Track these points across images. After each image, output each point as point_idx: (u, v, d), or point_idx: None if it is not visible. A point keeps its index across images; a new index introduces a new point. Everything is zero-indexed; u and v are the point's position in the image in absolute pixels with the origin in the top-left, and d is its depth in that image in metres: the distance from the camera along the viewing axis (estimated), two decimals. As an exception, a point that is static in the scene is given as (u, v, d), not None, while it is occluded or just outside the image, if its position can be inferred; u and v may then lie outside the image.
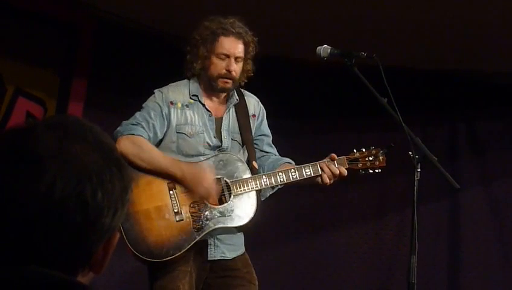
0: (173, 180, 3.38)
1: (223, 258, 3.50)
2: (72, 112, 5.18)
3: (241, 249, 3.59)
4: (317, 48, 3.39)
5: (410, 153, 3.28)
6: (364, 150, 3.59)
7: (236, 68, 3.50)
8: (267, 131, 3.73)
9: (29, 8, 4.96)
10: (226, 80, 3.50)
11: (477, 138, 6.09)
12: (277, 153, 3.71)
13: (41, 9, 5.03)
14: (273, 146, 3.73)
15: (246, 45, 3.53)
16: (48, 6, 5.05)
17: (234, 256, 3.54)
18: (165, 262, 3.34)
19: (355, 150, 3.59)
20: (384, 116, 3.15)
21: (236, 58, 3.50)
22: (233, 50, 3.50)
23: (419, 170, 3.03)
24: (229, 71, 3.49)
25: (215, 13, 3.55)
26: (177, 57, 5.70)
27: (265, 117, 3.73)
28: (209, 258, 3.47)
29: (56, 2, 5.06)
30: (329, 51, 3.36)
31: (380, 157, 3.58)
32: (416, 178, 3.01)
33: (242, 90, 3.68)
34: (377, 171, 3.61)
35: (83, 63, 5.33)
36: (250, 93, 3.71)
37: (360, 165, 3.57)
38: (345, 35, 4.95)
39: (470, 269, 5.91)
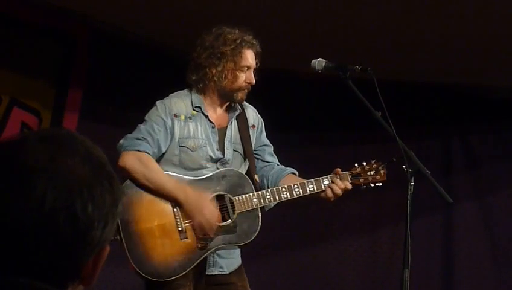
0: (175, 202, 3.33)
1: (220, 273, 3.46)
2: (67, 122, 5.18)
3: (238, 262, 3.55)
4: (312, 61, 3.40)
5: (403, 166, 3.29)
6: (365, 163, 3.56)
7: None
8: (267, 141, 3.69)
9: (25, 18, 4.96)
10: (245, 91, 3.50)
11: (471, 152, 6.10)
12: (279, 163, 3.67)
13: (37, 20, 5.04)
14: (275, 155, 3.69)
15: (257, 56, 3.54)
16: (44, 17, 5.05)
17: (232, 270, 3.50)
18: (163, 282, 3.28)
19: (356, 165, 3.57)
20: (380, 130, 3.15)
21: (253, 70, 3.52)
22: (253, 62, 3.50)
23: (412, 183, 3.03)
24: (250, 83, 3.49)
25: (212, 25, 3.55)
26: (173, 68, 5.71)
27: (264, 127, 3.70)
28: (207, 273, 3.43)
29: (52, 13, 5.06)
30: (324, 64, 3.37)
31: (381, 171, 3.56)
32: (409, 192, 3.01)
33: None
34: (378, 185, 3.59)
35: (78, 73, 5.33)
36: (248, 104, 3.68)
37: (361, 180, 3.55)
38: (341, 49, 4.97)
39: (463, 283, 5.91)
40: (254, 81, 3.49)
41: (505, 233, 5.89)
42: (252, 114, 3.67)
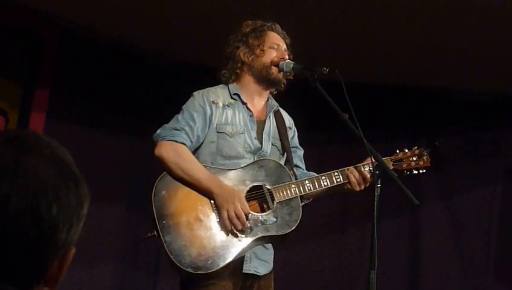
0: (208, 195, 3.23)
1: (255, 273, 3.35)
2: (34, 123, 5.14)
3: (271, 266, 3.46)
4: (280, 63, 3.41)
5: (370, 168, 3.31)
6: (407, 150, 3.50)
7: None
8: (299, 145, 3.64)
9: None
10: (278, 69, 3.43)
11: (437, 153, 6.14)
12: (305, 169, 3.61)
13: (4, 20, 4.99)
14: (303, 161, 3.63)
15: (285, 42, 3.52)
16: (11, 17, 5.01)
17: (264, 273, 3.39)
18: (203, 276, 3.15)
19: (398, 151, 3.50)
20: (348, 131, 3.15)
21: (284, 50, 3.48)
22: (280, 42, 3.49)
23: (379, 185, 3.03)
24: (283, 59, 3.43)
25: (184, 27, 3.54)
26: (142, 69, 5.70)
27: (297, 133, 3.65)
28: (243, 271, 3.31)
29: (20, 12, 5.02)
30: (291, 65, 3.37)
31: (424, 157, 3.50)
32: (376, 193, 3.01)
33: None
34: (421, 171, 3.51)
35: (46, 74, 5.29)
36: (282, 109, 3.64)
37: (404, 165, 3.47)
38: (311, 51, 4.99)
39: (430, 283, 5.96)
40: (287, 57, 3.45)
41: (471, 234, 5.95)
42: (288, 117, 3.64)
